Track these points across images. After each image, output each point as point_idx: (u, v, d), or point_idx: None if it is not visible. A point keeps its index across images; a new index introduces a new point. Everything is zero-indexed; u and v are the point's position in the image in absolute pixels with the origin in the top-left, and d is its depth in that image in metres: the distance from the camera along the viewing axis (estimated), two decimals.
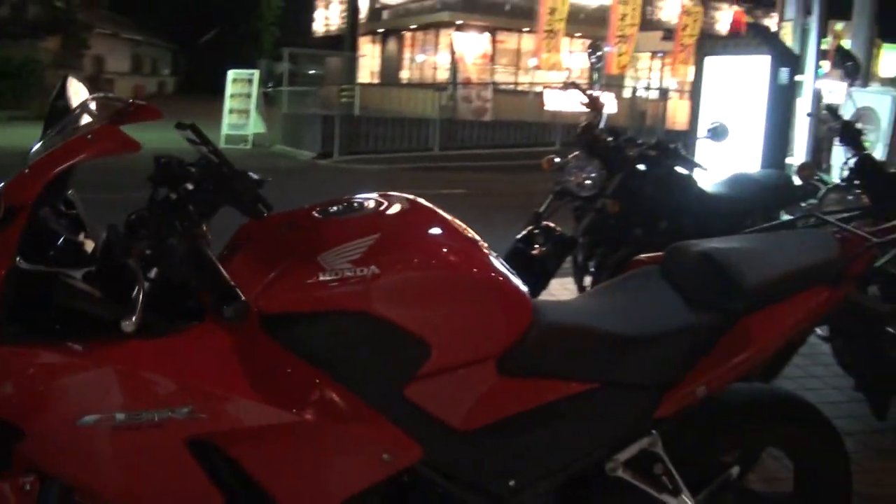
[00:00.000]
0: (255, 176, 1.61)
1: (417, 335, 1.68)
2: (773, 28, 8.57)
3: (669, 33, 23.69)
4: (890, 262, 3.53)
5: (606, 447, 1.93)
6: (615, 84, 20.67)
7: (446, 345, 1.71)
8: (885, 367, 3.23)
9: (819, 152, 8.50)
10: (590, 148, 4.47)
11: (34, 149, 1.72)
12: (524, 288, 1.88)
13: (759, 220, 4.12)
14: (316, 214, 1.82)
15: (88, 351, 1.53)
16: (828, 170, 7.03)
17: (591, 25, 25.57)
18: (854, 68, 4.76)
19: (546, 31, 20.03)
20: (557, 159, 4.66)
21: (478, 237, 1.91)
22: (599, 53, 5.27)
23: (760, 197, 4.61)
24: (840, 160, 4.21)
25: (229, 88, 18.88)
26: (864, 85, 10.09)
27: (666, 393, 1.93)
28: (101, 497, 1.66)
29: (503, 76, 26.80)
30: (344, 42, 25.13)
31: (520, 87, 24.12)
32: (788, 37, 8.26)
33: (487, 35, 27.16)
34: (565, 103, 18.94)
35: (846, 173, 3.96)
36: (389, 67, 32.01)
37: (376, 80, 30.78)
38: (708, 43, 7.62)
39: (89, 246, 1.79)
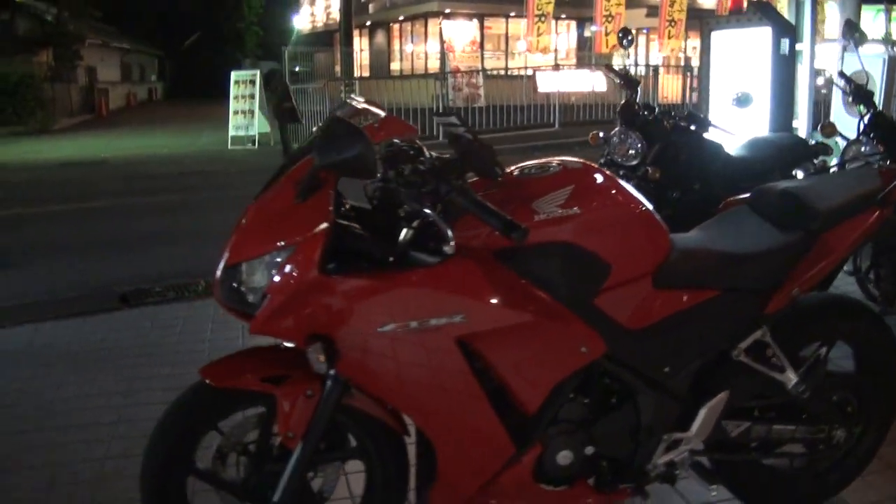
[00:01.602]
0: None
1: (604, 258, 2.26)
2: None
3: (654, 10, 24.12)
4: None
5: (731, 338, 2.53)
6: (605, 62, 21.19)
7: (622, 264, 2.29)
8: None
9: (819, 114, 9.13)
10: (630, 122, 5.05)
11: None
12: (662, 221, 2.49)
13: (778, 177, 4.58)
14: (517, 174, 2.35)
15: (390, 278, 2.08)
16: None
17: (576, 7, 26.01)
18: (861, 38, 5.38)
19: (536, 14, 20.60)
20: (601, 134, 5.27)
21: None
22: (630, 38, 5.86)
23: (778, 157, 5.06)
24: (839, 119, 4.87)
25: (232, 90, 18.82)
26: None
27: (771, 295, 2.52)
28: (382, 389, 2.20)
29: (492, 62, 27.16)
30: (339, 37, 25.33)
31: (510, 72, 24.53)
32: (784, 9, 8.81)
33: (475, 22, 27.61)
34: (558, 84, 19.40)
35: (863, 127, 4.63)
36: (379, 60, 32.20)
37: (366, 73, 31.05)
38: (713, 19, 8.20)
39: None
